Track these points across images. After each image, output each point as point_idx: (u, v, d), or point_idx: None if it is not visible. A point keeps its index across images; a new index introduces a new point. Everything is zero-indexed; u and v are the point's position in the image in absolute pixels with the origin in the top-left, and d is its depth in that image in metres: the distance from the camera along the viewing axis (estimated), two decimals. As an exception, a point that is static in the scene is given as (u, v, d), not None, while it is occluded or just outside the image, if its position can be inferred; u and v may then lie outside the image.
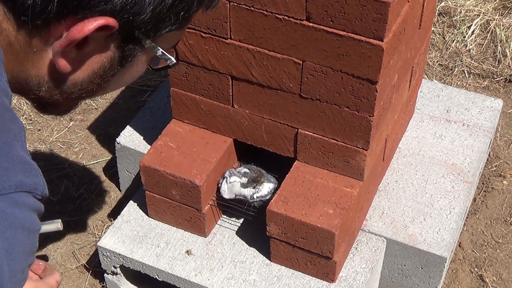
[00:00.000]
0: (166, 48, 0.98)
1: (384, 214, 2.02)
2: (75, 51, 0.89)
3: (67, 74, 0.92)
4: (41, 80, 0.93)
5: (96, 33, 0.87)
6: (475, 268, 2.25)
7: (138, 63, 0.98)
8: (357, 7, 1.53)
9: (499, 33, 2.97)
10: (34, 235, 0.92)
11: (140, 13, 0.88)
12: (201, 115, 1.97)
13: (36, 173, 0.90)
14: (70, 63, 0.90)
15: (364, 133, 1.75)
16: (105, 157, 2.58)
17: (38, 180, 0.89)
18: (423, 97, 2.39)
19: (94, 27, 0.86)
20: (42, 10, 0.85)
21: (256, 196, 1.91)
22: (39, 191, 0.89)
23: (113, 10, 0.86)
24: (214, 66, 1.82)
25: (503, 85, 2.84)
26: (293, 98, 1.78)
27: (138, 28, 0.90)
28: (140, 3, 0.87)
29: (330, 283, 1.88)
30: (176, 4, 0.90)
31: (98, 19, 0.86)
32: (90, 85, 0.96)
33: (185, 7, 0.92)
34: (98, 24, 0.86)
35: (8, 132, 0.87)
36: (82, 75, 0.94)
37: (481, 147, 2.24)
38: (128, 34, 0.91)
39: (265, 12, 1.64)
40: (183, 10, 0.92)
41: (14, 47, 0.89)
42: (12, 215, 0.85)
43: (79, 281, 2.23)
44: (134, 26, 0.90)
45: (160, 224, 2.04)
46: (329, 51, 1.64)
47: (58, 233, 2.34)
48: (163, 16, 0.91)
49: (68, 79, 0.94)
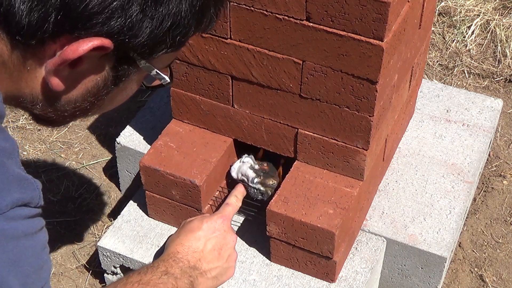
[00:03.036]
0: (160, 67, 0.98)
1: (384, 214, 2.02)
2: (68, 69, 0.88)
3: (60, 93, 0.92)
4: (35, 98, 0.93)
5: (91, 52, 0.86)
6: (475, 268, 2.25)
7: (132, 82, 0.98)
8: (357, 7, 1.53)
9: (499, 33, 2.97)
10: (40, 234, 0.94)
11: (137, 36, 0.87)
12: (201, 115, 1.97)
13: (33, 187, 0.91)
14: (63, 81, 0.89)
15: (364, 133, 1.75)
16: (105, 157, 2.58)
17: (35, 193, 0.90)
18: (423, 97, 2.39)
19: (89, 48, 0.85)
20: (37, 30, 0.84)
21: (256, 181, 1.90)
22: (33, 203, 0.90)
23: (109, 32, 0.85)
24: (214, 66, 1.82)
25: (503, 85, 2.84)
26: (293, 98, 1.78)
27: (133, 49, 0.90)
28: (137, 26, 0.86)
29: (330, 283, 1.88)
30: (173, 28, 0.90)
31: (94, 39, 0.85)
32: (84, 103, 0.95)
33: (183, 31, 0.91)
34: (93, 45, 0.85)
35: (2, 152, 0.87)
36: (76, 93, 0.93)
37: (481, 147, 2.24)
38: (123, 54, 0.90)
39: (265, 12, 1.64)
40: (180, 34, 0.91)
41: (7, 66, 0.88)
42: (10, 229, 0.86)
43: (79, 281, 2.23)
44: (129, 47, 0.89)
45: (160, 224, 2.04)
46: (329, 51, 1.64)
47: (58, 233, 2.35)
48: (160, 39, 0.90)
49: (62, 97, 0.93)
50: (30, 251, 0.90)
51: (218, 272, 1.62)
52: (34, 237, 0.91)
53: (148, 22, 0.87)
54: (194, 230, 1.65)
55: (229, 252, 1.65)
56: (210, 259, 1.61)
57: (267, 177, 1.93)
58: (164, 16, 0.88)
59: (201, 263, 1.59)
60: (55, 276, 2.24)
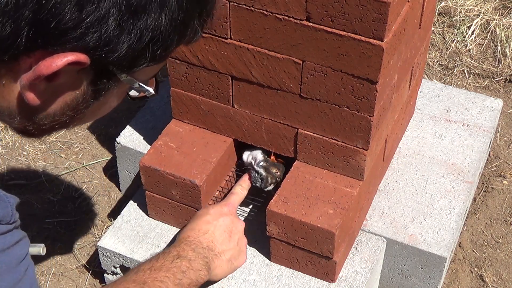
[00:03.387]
0: (144, 79, 0.95)
1: (384, 214, 2.02)
2: (45, 83, 0.86)
3: (37, 107, 0.89)
4: (13, 112, 0.91)
5: (67, 67, 0.84)
6: (475, 268, 2.25)
7: (114, 95, 0.95)
8: (357, 7, 1.53)
9: (499, 33, 2.97)
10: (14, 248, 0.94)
11: (114, 51, 0.85)
12: (201, 115, 1.97)
13: (5, 204, 0.91)
14: (39, 96, 0.87)
15: (364, 133, 1.75)
16: (105, 157, 2.58)
17: (6, 211, 0.90)
18: (423, 97, 2.39)
19: (63, 64, 0.83)
20: (9, 45, 0.82)
21: (260, 165, 1.91)
22: (4, 221, 0.90)
23: (85, 47, 0.83)
24: (214, 66, 1.82)
25: (503, 85, 2.84)
26: (293, 98, 1.78)
27: (112, 64, 0.87)
28: (114, 41, 0.84)
29: (330, 283, 1.88)
30: (153, 42, 0.87)
31: (68, 55, 0.83)
32: (62, 117, 0.93)
33: (163, 45, 0.89)
34: (68, 60, 0.83)
35: None
36: (54, 107, 0.91)
37: (481, 147, 2.24)
38: (102, 68, 0.88)
39: (265, 12, 1.64)
40: (160, 48, 0.89)
41: None
42: None
43: (79, 281, 2.23)
44: (108, 62, 0.86)
45: (160, 224, 2.04)
46: (329, 51, 1.64)
47: (57, 233, 2.35)
48: (139, 53, 0.87)
49: (39, 111, 0.91)
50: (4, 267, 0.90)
51: (231, 254, 1.62)
52: (6, 253, 0.91)
53: (126, 37, 0.84)
54: (202, 216, 1.65)
55: (239, 235, 1.64)
56: (222, 241, 1.61)
57: (273, 166, 1.93)
58: (142, 31, 0.85)
59: (214, 244, 1.58)
60: (55, 276, 2.24)
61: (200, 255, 1.53)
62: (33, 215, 2.38)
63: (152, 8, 0.84)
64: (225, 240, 1.62)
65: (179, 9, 0.87)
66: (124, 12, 0.83)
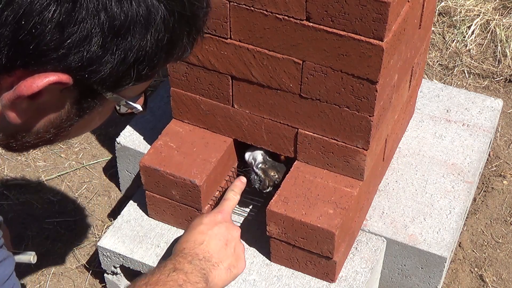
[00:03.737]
0: (132, 96, 0.93)
1: (384, 214, 2.02)
2: (26, 102, 0.84)
3: (20, 125, 0.88)
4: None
5: (49, 86, 0.81)
6: (475, 268, 2.25)
7: (100, 112, 0.93)
8: (357, 7, 1.53)
9: (499, 33, 2.97)
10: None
11: (97, 72, 0.83)
12: (201, 115, 1.97)
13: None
14: (21, 114, 0.86)
15: (364, 133, 1.75)
16: (105, 157, 2.58)
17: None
18: (423, 97, 2.39)
19: (44, 84, 0.81)
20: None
21: (259, 166, 1.91)
22: None
23: (67, 67, 0.81)
24: (214, 66, 1.82)
25: (503, 85, 2.84)
26: (293, 98, 1.78)
27: (96, 83, 0.84)
28: (97, 62, 0.82)
29: (330, 283, 1.88)
30: (138, 63, 0.85)
31: (50, 75, 0.81)
32: (45, 134, 0.91)
33: (149, 65, 0.87)
34: (49, 81, 0.81)
35: None
36: (37, 125, 0.89)
37: (481, 147, 2.24)
38: (86, 88, 0.85)
39: (265, 12, 1.64)
40: (146, 69, 0.87)
41: None
42: None
43: (79, 281, 2.23)
44: (91, 82, 0.84)
45: (160, 224, 2.04)
46: (329, 51, 1.64)
47: (57, 233, 2.35)
48: (124, 74, 0.85)
49: (22, 129, 0.90)
50: None
51: (229, 263, 1.60)
52: None
53: (109, 58, 0.82)
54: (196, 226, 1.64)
55: (235, 242, 1.62)
56: (218, 250, 1.59)
57: (272, 167, 1.93)
58: (127, 52, 0.83)
59: (210, 255, 1.56)
60: (55, 276, 2.24)
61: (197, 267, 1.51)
62: (33, 215, 2.38)
63: (136, 29, 0.82)
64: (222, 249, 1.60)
65: (166, 29, 0.85)
66: (107, 33, 0.81)
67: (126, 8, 0.81)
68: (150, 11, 0.83)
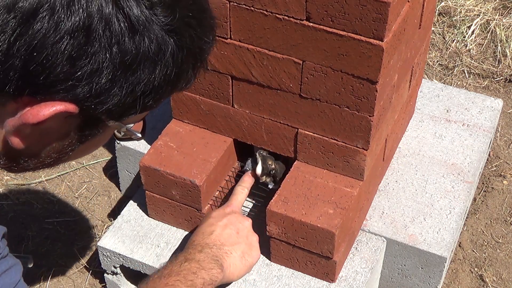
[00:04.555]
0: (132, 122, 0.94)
1: (384, 214, 2.02)
2: (30, 127, 0.84)
3: (22, 150, 0.88)
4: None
5: (55, 114, 0.82)
6: (475, 268, 2.25)
7: (101, 138, 0.94)
8: (357, 7, 1.53)
9: (499, 33, 2.97)
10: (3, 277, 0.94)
11: (104, 103, 0.83)
12: (201, 115, 1.97)
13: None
14: (24, 139, 0.86)
15: (364, 133, 1.75)
16: (105, 157, 2.58)
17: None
18: (423, 97, 2.39)
19: (50, 114, 0.81)
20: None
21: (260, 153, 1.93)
22: None
23: (74, 98, 0.82)
24: (214, 66, 1.82)
25: (503, 85, 2.84)
26: (293, 98, 1.78)
27: (101, 113, 0.85)
28: (105, 94, 0.83)
29: (330, 283, 1.88)
30: (144, 96, 0.86)
31: (56, 104, 0.81)
32: (47, 159, 0.92)
33: (155, 97, 0.88)
34: (56, 110, 0.81)
35: None
36: (39, 150, 0.90)
37: (481, 147, 2.24)
38: (91, 117, 0.86)
39: (265, 12, 1.64)
40: (151, 100, 0.88)
41: None
42: None
43: (79, 281, 2.23)
44: (97, 112, 0.85)
45: (160, 224, 2.04)
46: (329, 51, 1.64)
47: (57, 233, 2.35)
48: (129, 105, 0.86)
49: (24, 154, 0.90)
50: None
51: (242, 250, 1.58)
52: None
53: (117, 90, 0.83)
54: (205, 220, 1.63)
55: (247, 231, 1.60)
56: (228, 238, 1.57)
57: (271, 159, 1.93)
58: (135, 86, 0.84)
59: (221, 243, 1.55)
60: (55, 276, 2.24)
61: (209, 255, 1.50)
62: (33, 215, 2.39)
63: (146, 64, 0.83)
64: (233, 237, 1.58)
65: (174, 64, 0.86)
66: (118, 67, 0.81)
67: (138, 43, 0.81)
68: (160, 48, 0.83)
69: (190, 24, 0.86)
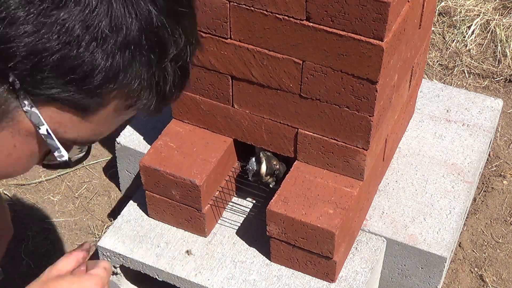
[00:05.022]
0: (71, 137, 0.69)
1: (384, 214, 2.02)
2: None
3: None
4: None
5: None
6: (475, 268, 2.25)
7: (10, 137, 0.68)
8: (357, 7, 1.53)
9: (499, 33, 2.97)
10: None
11: (11, 40, 0.60)
12: (201, 115, 1.97)
13: None
14: None
15: (364, 133, 1.75)
16: (105, 157, 2.58)
17: None
18: (423, 97, 2.39)
19: None
20: None
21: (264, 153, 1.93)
22: None
23: None
24: (214, 66, 1.82)
25: (503, 85, 2.84)
26: (293, 98, 1.78)
27: (10, 60, 0.61)
28: (11, 27, 0.60)
29: (330, 283, 1.88)
30: (70, 61, 0.61)
31: None
32: None
33: (88, 76, 0.62)
34: None
35: None
36: None
37: (481, 147, 2.24)
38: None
39: (265, 12, 1.64)
40: (84, 79, 0.62)
41: None
42: None
43: (79, 281, 2.23)
44: (3, 56, 0.61)
45: (160, 224, 2.04)
46: (329, 51, 1.64)
47: (57, 233, 2.35)
48: (44, 64, 0.61)
49: None
50: None
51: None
52: None
53: (31, 27, 0.60)
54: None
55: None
56: None
57: (275, 159, 1.93)
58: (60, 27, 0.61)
59: None
60: (55, 276, 2.24)
61: None
62: (33, 215, 2.38)
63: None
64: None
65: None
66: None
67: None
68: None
69: None
